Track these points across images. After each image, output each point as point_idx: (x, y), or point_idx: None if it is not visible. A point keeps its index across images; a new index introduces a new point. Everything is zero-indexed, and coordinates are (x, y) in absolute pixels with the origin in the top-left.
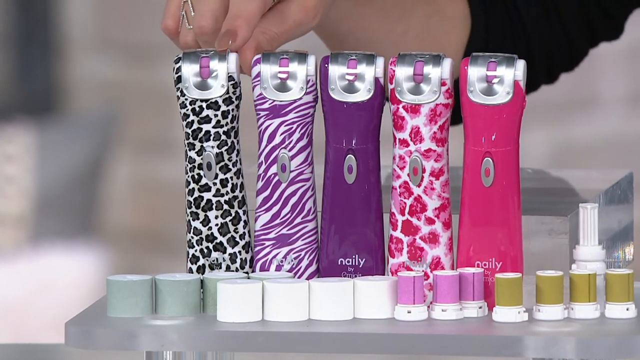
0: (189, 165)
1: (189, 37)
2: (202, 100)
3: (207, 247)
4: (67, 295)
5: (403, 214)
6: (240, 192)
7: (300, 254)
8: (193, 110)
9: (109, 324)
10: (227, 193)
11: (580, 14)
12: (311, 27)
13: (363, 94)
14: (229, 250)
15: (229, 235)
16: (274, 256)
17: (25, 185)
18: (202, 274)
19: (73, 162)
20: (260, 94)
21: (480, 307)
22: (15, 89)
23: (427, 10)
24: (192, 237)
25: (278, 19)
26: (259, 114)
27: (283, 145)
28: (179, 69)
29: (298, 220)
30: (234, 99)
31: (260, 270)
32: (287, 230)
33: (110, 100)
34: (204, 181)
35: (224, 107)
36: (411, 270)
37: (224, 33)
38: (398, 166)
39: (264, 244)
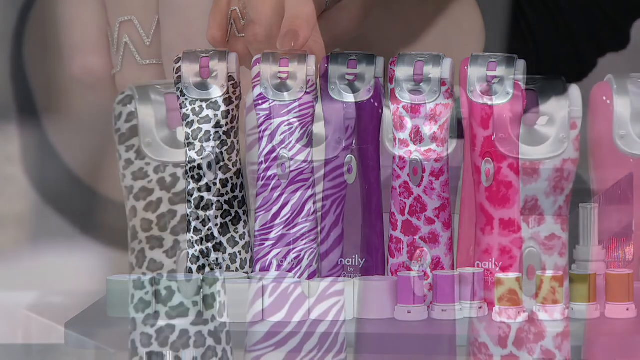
0: (189, 165)
1: (239, 46)
2: (202, 100)
3: (207, 247)
4: (67, 295)
5: (403, 214)
6: (240, 192)
7: (300, 254)
8: (193, 110)
9: (109, 324)
10: (227, 193)
11: (588, 27)
12: (354, 35)
13: (363, 94)
14: (229, 250)
15: (229, 235)
16: (274, 256)
17: (25, 185)
18: (202, 274)
19: (73, 162)
20: (260, 94)
21: (480, 307)
22: (15, 89)
23: (445, 24)
24: (192, 237)
25: (327, 27)
26: (259, 114)
27: (283, 145)
28: (179, 69)
29: (298, 220)
30: (234, 99)
31: (260, 270)
32: (287, 230)
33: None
34: (204, 181)
35: (224, 107)
36: (411, 270)
37: (285, 33)
38: (398, 166)
39: (264, 244)
